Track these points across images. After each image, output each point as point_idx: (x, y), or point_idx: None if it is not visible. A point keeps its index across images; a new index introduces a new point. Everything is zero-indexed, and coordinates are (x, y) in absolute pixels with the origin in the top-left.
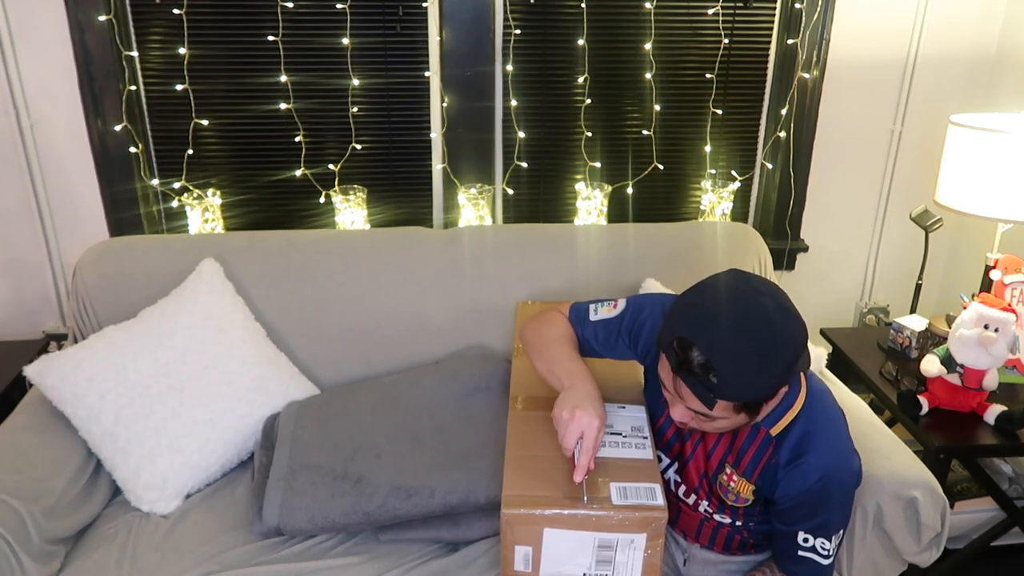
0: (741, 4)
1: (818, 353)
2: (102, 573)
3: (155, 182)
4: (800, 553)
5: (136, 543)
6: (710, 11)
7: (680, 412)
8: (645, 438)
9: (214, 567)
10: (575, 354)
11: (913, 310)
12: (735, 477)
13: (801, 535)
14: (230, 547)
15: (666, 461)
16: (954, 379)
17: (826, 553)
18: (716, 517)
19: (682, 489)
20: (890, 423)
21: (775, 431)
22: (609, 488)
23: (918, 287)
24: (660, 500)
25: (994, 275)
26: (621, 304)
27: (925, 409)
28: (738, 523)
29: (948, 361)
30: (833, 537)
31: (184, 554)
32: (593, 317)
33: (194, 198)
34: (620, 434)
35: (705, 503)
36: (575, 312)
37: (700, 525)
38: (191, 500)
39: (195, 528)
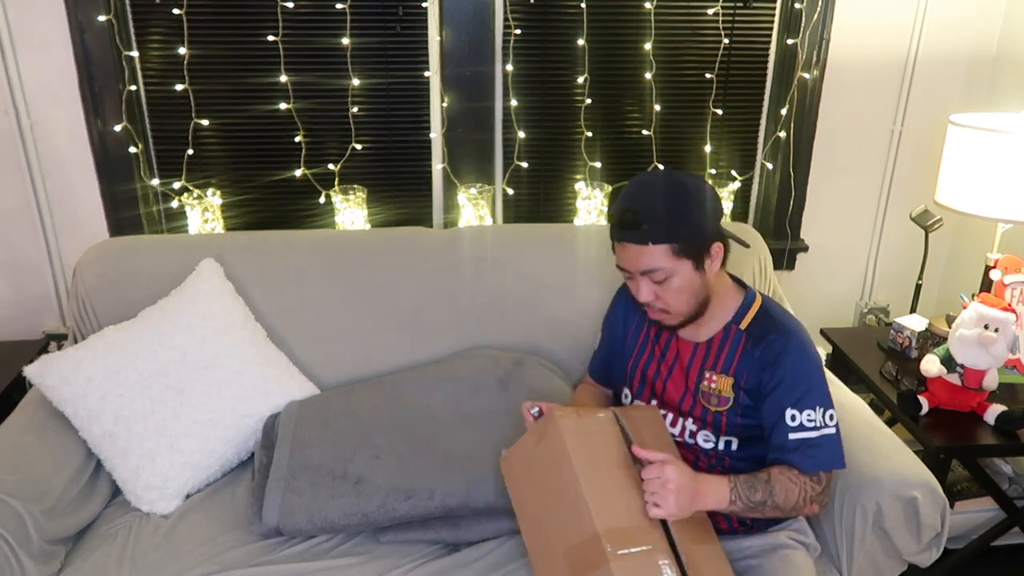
0: (741, 4)
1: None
2: (102, 573)
3: (155, 182)
4: (792, 436)
5: (136, 543)
6: (710, 11)
7: (644, 289)
8: None
9: (214, 567)
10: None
11: (913, 310)
12: (714, 378)
13: (788, 413)
14: (230, 547)
15: (642, 405)
16: (954, 379)
17: (814, 424)
18: (700, 439)
19: (668, 419)
20: (890, 423)
21: (743, 325)
22: None
23: (918, 287)
24: None
25: (994, 275)
26: (601, 318)
27: (925, 409)
28: (720, 446)
29: (948, 361)
30: (818, 407)
31: (184, 554)
32: (597, 348)
33: (194, 198)
34: None
35: (689, 422)
36: (591, 367)
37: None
38: (191, 500)
39: (195, 528)
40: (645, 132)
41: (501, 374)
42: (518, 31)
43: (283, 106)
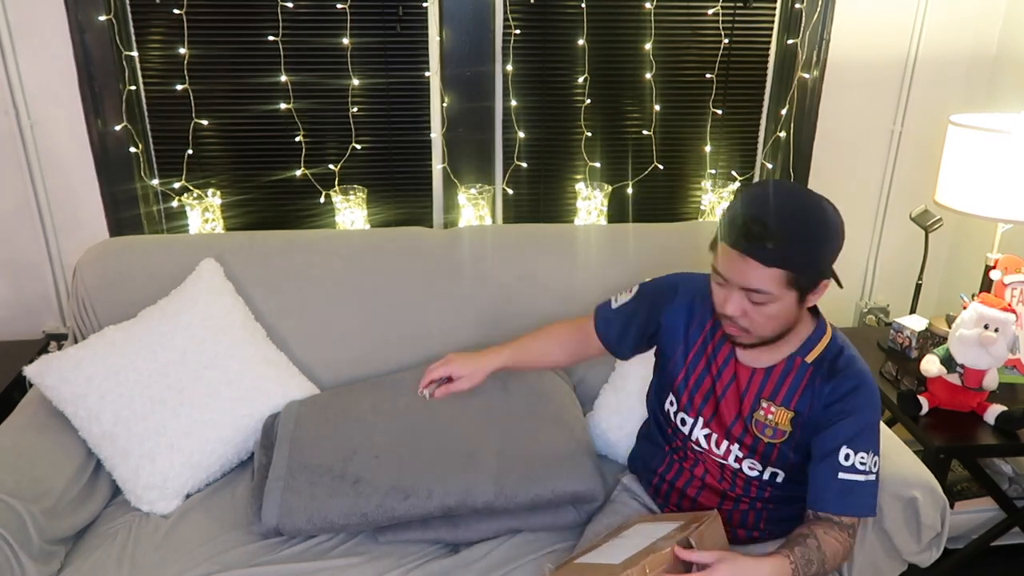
0: (741, 4)
1: None
2: (102, 573)
3: (155, 182)
4: (841, 476)
5: (136, 543)
6: (710, 11)
7: (735, 302)
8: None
9: (214, 567)
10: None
11: (913, 310)
12: (772, 409)
13: (843, 452)
14: (230, 547)
15: (690, 421)
16: (954, 379)
17: (865, 469)
18: (745, 466)
19: (713, 439)
20: (890, 423)
21: (810, 358)
22: None
23: (918, 287)
24: None
25: (994, 275)
26: (635, 287)
27: (925, 409)
28: (765, 476)
29: (948, 361)
30: (871, 452)
31: (184, 554)
32: (615, 306)
33: (194, 198)
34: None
35: (736, 447)
36: (598, 309)
37: (724, 493)
38: (191, 500)
39: (195, 528)
40: (645, 132)
41: (500, 374)
42: (518, 31)
43: (283, 106)
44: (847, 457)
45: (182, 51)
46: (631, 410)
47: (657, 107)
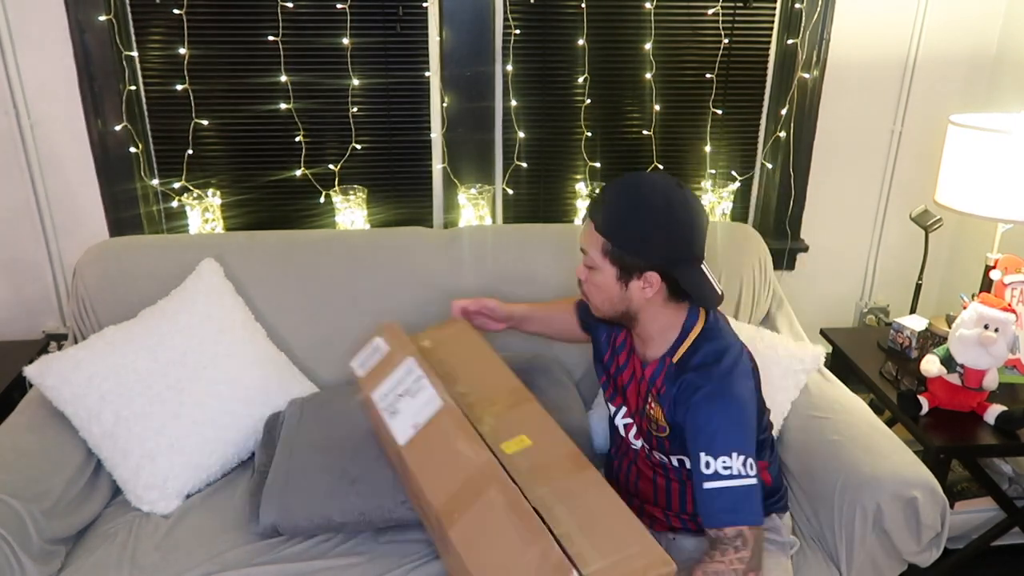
0: (741, 4)
1: (816, 352)
2: (102, 573)
3: (155, 182)
4: (707, 486)
5: (136, 543)
6: (710, 11)
7: (581, 265)
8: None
9: (214, 567)
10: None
11: (913, 310)
12: (654, 405)
13: (702, 460)
14: (230, 547)
15: (613, 408)
16: (954, 379)
17: (731, 474)
18: (656, 454)
19: (632, 431)
20: (890, 423)
21: (675, 359)
22: None
23: (918, 287)
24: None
25: (994, 275)
26: None
27: (925, 409)
28: (674, 462)
29: (948, 361)
30: (734, 453)
31: (184, 554)
32: None
33: (194, 198)
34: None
35: (642, 441)
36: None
37: (653, 479)
38: (191, 500)
39: (195, 528)
40: (645, 132)
41: None
42: (518, 31)
43: (283, 106)
44: (707, 464)
45: (182, 51)
46: None
47: (657, 107)
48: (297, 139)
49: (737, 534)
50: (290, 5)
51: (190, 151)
